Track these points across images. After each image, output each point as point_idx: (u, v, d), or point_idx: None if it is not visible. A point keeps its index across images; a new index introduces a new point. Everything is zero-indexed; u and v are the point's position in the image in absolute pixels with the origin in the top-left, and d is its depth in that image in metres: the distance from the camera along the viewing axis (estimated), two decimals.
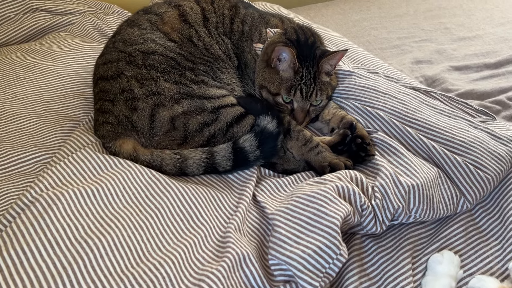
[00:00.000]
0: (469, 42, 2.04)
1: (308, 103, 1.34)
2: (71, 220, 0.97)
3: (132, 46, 1.31)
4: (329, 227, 0.96)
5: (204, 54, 1.35)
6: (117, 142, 1.21)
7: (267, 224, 1.08)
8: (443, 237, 1.13)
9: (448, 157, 1.18)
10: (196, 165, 1.19)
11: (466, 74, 1.83)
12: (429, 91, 1.43)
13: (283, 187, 1.18)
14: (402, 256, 1.06)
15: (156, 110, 1.22)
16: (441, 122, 1.26)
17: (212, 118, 1.24)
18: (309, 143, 1.25)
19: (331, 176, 1.11)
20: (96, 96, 1.31)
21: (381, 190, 1.09)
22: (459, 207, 1.16)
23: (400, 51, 1.96)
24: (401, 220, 1.11)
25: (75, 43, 1.72)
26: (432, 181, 1.14)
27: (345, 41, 1.79)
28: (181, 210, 1.07)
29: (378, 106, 1.32)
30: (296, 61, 1.29)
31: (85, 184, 1.07)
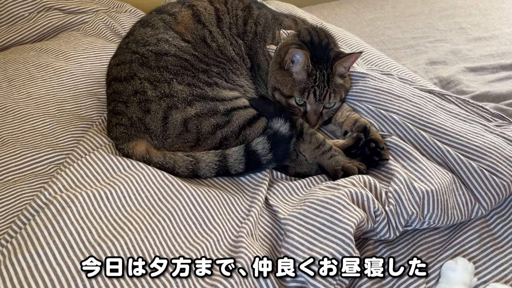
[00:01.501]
0: (485, 42, 2.01)
1: (321, 105, 1.33)
2: (84, 223, 0.98)
3: (145, 47, 1.31)
4: (342, 234, 0.96)
5: (218, 55, 1.35)
6: (130, 144, 1.21)
7: (280, 228, 1.08)
8: (457, 243, 1.11)
9: (463, 162, 1.17)
10: (209, 168, 1.19)
11: (481, 75, 1.80)
12: (444, 94, 1.42)
13: (296, 190, 1.17)
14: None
15: (169, 112, 1.22)
16: (456, 126, 1.25)
17: (225, 121, 1.24)
18: (322, 146, 1.25)
19: (345, 181, 1.10)
20: (110, 97, 1.32)
21: (395, 196, 1.08)
22: (473, 213, 1.14)
23: (415, 52, 1.94)
24: (415, 226, 1.10)
25: (88, 42, 1.73)
26: (447, 187, 1.12)
27: (359, 41, 1.78)
28: (194, 214, 1.07)
29: (392, 109, 1.31)
30: (310, 63, 1.28)
31: (99, 186, 1.07)
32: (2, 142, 1.29)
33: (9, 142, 1.29)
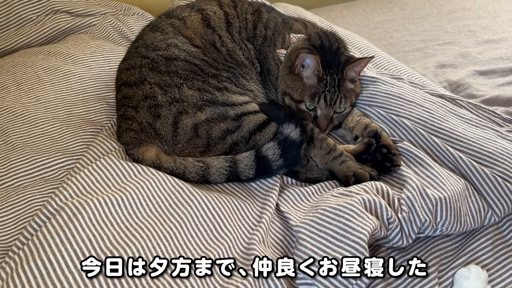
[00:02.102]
0: (494, 45, 2.00)
1: (332, 110, 1.32)
2: (96, 230, 0.97)
3: (155, 51, 1.30)
4: (356, 242, 0.95)
5: (227, 60, 1.34)
6: (140, 149, 1.21)
7: (291, 235, 1.07)
8: (469, 250, 1.11)
9: (475, 168, 1.16)
10: (219, 173, 1.19)
11: (491, 79, 1.79)
12: (455, 99, 1.41)
13: (307, 196, 1.17)
14: (428, 270, 1.04)
15: (179, 118, 1.21)
16: (469, 132, 1.24)
17: (235, 126, 1.23)
18: (333, 151, 1.24)
19: (357, 188, 1.09)
20: (119, 102, 1.31)
21: (408, 203, 1.07)
22: (486, 220, 1.13)
23: (423, 55, 1.93)
24: (427, 233, 1.09)
25: (96, 45, 1.72)
26: (460, 193, 1.11)
27: (368, 44, 1.77)
28: (205, 220, 1.06)
29: (403, 115, 1.30)
30: (321, 68, 1.28)
31: (109, 192, 1.07)
32: (12, 147, 1.29)
33: (18, 146, 1.29)
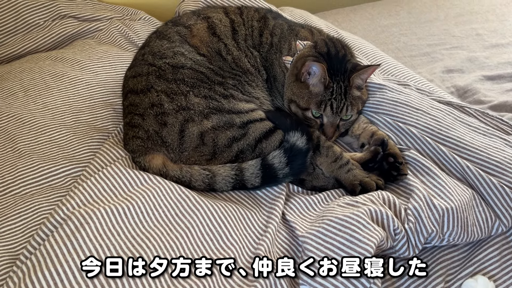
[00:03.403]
0: (502, 49, 1.98)
1: (338, 118, 1.32)
2: (103, 240, 0.98)
3: (162, 59, 1.31)
4: (362, 254, 0.95)
5: (233, 68, 1.34)
6: (146, 157, 1.21)
7: (297, 245, 1.07)
8: (477, 261, 1.10)
9: (483, 178, 1.15)
10: (225, 182, 1.19)
11: (499, 84, 1.78)
12: (463, 106, 1.40)
13: (313, 205, 1.17)
14: (435, 281, 1.04)
15: (185, 125, 1.21)
16: (476, 140, 1.23)
17: (241, 133, 1.23)
18: (339, 160, 1.24)
19: (364, 198, 1.09)
20: (126, 109, 1.32)
21: (415, 213, 1.07)
22: (493, 230, 1.13)
23: (431, 59, 1.92)
24: (434, 243, 1.09)
25: (103, 50, 1.73)
26: (467, 203, 1.11)
27: (375, 50, 1.76)
28: (211, 229, 1.07)
29: (410, 122, 1.30)
30: (327, 76, 1.27)
31: (116, 201, 1.07)
32: (19, 154, 1.30)
33: (26, 154, 1.29)
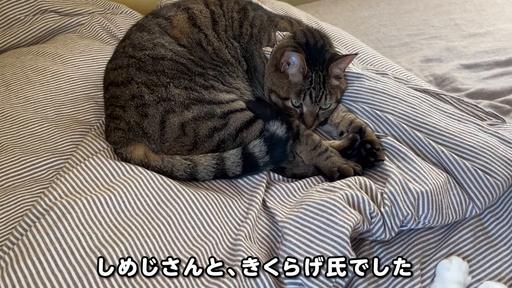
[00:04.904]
0: (480, 38, 2.02)
1: (318, 107, 1.34)
2: (85, 229, 0.99)
3: (142, 51, 1.32)
4: (339, 236, 0.97)
5: (214, 58, 1.36)
6: (128, 148, 1.23)
7: (277, 231, 1.10)
8: (451, 242, 1.13)
9: (457, 162, 1.18)
10: (206, 171, 1.21)
11: (476, 72, 1.82)
12: (439, 93, 1.43)
13: (293, 192, 1.19)
14: (412, 270, 1.06)
15: (166, 116, 1.23)
16: (451, 126, 1.26)
17: (222, 124, 1.25)
18: (318, 147, 1.26)
19: (341, 183, 1.12)
20: (107, 101, 1.33)
21: (391, 197, 1.10)
22: (468, 212, 1.16)
23: (410, 49, 1.95)
24: (410, 226, 1.12)
25: (85, 44, 1.73)
26: (441, 187, 1.14)
27: (354, 40, 1.79)
28: (192, 217, 1.09)
29: (387, 110, 1.32)
30: (306, 66, 1.30)
31: (98, 192, 1.09)
32: (1, 147, 1.30)
33: (8, 147, 1.30)
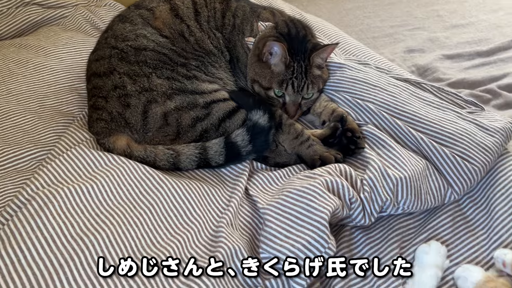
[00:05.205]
0: (462, 29, 2.05)
1: (300, 96, 1.35)
2: (67, 217, 1.00)
3: (124, 42, 1.32)
4: (317, 221, 0.99)
5: (196, 49, 1.36)
6: (111, 139, 1.23)
7: (259, 218, 1.11)
8: (430, 227, 1.16)
9: (436, 149, 1.20)
10: (189, 160, 1.21)
11: (458, 62, 1.84)
12: (420, 82, 1.45)
13: (275, 180, 1.20)
14: (390, 247, 1.09)
15: (148, 106, 1.23)
16: (430, 114, 1.28)
17: (205, 113, 1.26)
18: (300, 136, 1.27)
19: (321, 170, 1.13)
20: (90, 92, 1.33)
21: (370, 183, 1.11)
22: (446, 198, 1.18)
23: (393, 40, 1.97)
24: (390, 211, 1.14)
25: (68, 37, 1.73)
26: (420, 173, 1.16)
27: (337, 31, 1.80)
28: (175, 206, 1.09)
29: (368, 99, 1.34)
30: (287, 55, 1.31)
31: (80, 181, 1.09)
32: None
33: None
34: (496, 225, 1.14)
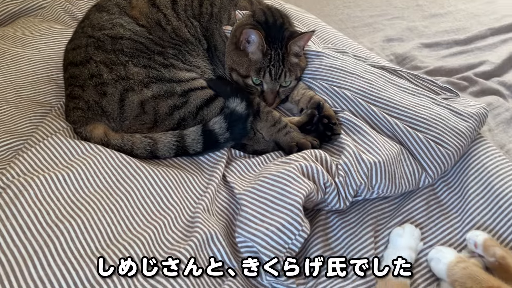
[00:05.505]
0: (440, 18, 2.07)
1: (278, 84, 1.36)
2: (42, 205, 1.00)
3: (100, 31, 1.32)
4: (291, 204, 1.00)
5: (173, 37, 1.36)
6: (88, 127, 1.23)
7: (236, 203, 1.12)
8: (405, 211, 1.18)
9: (410, 134, 1.22)
10: (167, 148, 1.22)
11: (436, 51, 1.87)
12: (396, 70, 1.47)
13: (253, 167, 1.21)
14: (365, 231, 1.11)
15: (125, 95, 1.23)
16: (405, 100, 1.30)
17: (182, 102, 1.26)
18: (278, 124, 1.28)
19: (297, 156, 1.15)
20: (66, 81, 1.33)
21: (344, 168, 1.13)
22: (421, 182, 1.20)
23: (372, 29, 1.99)
24: (365, 196, 1.16)
25: (46, 27, 1.71)
26: (394, 157, 1.18)
27: (317, 21, 1.81)
28: (152, 193, 1.10)
29: (345, 86, 1.35)
30: (264, 43, 1.31)
31: (57, 169, 1.09)
32: None
33: None
34: (469, 208, 1.17)
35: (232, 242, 1.04)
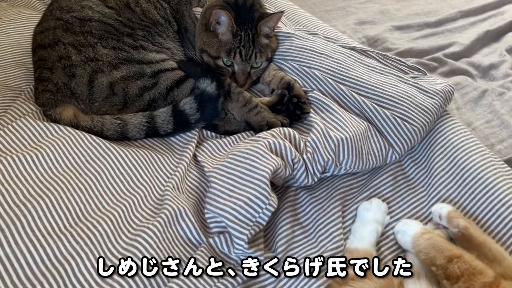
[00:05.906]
0: (412, 1, 2.09)
1: (249, 65, 1.37)
2: (9, 185, 1.00)
3: (69, 13, 1.31)
4: (259, 179, 1.02)
5: (142, 19, 1.36)
6: (57, 110, 1.22)
7: (206, 182, 1.13)
8: (373, 186, 1.20)
9: (377, 111, 1.24)
10: (137, 129, 1.22)
11: (407, 33, 1.89)
12: (365, 50, 1.49)
13: (223, 146, 1.22)
14: (333, 205, 1.13)
15: (94, 76, 1.23)
16: (373, 78, 1.32)
17: (152, 83, 1.26)
18: (249, 104, 1.30)
19: (265, 133, 1.16)
20: (35, 64, 1.32)
21: (312, 144, 1.15)
22: (388, 158, 1.23)
23: (345, 13, 2.00)
24: (333, 172, 1.18)
25: (15, 12, 1.69)
26: (361, 134, 1.20)
27: (288, 3, 1.82)
28: (121, 172, 1.11)
29: (314, 66, 1.37)
30: (234, 24, 1.32)
31: (25, 151, 1.09)
32: None
33: None
34: (435, 182, 1.20)
35: (202, 219, 1.05)
